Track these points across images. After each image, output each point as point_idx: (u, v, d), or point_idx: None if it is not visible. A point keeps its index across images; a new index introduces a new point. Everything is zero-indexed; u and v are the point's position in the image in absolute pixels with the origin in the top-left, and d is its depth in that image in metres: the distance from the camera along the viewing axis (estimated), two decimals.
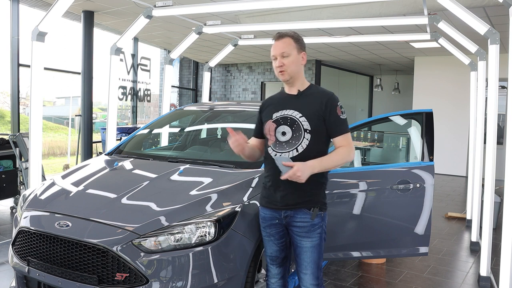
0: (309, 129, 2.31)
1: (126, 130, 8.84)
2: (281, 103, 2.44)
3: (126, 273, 2.36)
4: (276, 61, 2.36)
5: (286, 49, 2.33)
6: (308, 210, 2.33)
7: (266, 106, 2.53)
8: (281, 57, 2.34)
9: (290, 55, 2.33)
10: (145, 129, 4.21)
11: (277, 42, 2.36)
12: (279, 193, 2.36)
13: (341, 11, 6.23)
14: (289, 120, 2.36)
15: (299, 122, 2.33)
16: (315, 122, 2.32)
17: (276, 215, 2.41)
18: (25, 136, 5.51)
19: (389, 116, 3.66)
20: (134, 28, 4.65)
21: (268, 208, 2.44)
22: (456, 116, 10.51)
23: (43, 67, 3.99)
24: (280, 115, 2.39)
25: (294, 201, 2.34)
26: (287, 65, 2.34)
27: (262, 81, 13.17)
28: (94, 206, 2.67)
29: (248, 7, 4.63)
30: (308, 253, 2.34)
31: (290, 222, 2.38)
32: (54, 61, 9.96)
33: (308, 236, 2.34)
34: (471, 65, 5.45)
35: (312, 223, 2.33)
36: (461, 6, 3.54)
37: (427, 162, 3.35)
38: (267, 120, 2.44)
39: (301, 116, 2.33)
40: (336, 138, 2.34)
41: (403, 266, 4.21)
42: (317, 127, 2.32)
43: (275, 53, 2.36)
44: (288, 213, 2.37)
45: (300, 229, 2.35)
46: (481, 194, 4.43)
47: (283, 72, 2.35)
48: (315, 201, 2.35)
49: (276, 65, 2.36)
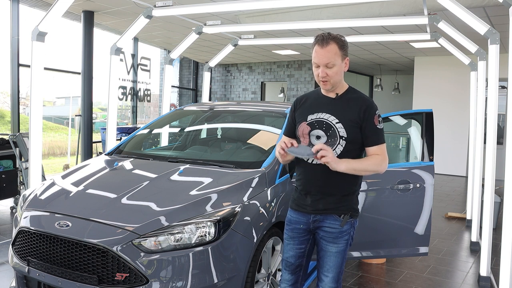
0: (345, 137, 2.21)
1: (126, 130, 8.84)
2: (317, 105, 2.31)
3: (126, 273, 2.36)
4: (318, 69, 2.21)
5: (331, 59, 2.16)
6: (338, 216, 2.26)
7: (300, 105, 2.39)
8: (325, 67, 2.18)
9: (335, 65, 2.18)
10: (145, 129, 4.21)
11: (322, 51, 2.17)
12: (310, 198, 2.29)
13: (341, 11, 6.23)
14: (325, 124, 2.25)
15: (335, 128, 2.23)
16: (351, 129, 2.21)
17: (303, 219, 2.32)
18: (25, 136, 5.51)
19: (389, 116, 3.65)
20: (134, 28, 4.65)
21: (297, 211, 2.35)
22: (456, 116, 10.51)
23: (43, 67, 3.99)
24: (316, 118, 2.28)
25: (325, 206, 2.26)
26: (331, 76, 2.19)
27: (262, 81, 13.18)
28: (94, 206, 2.67)
29: (248, 7, 4.63)
30: (332, 258, 2.28)
31: (318, 226, 2.30)
32: (54, 61, 9.97)
33: (334, 242, 2.27)
34: (471, 65, 5.45)
35: (341, 230, 2.26)
36: (461, 6, 3.54)
37: (427, 162, 3.36)
38: (301, 121, 2.32)
39: (338, 122, 2.23)
40: (371, 148, 2.24)
41: (403, 266, 4.21)
42: (353, 135, 2.22)
43: (319, 63, 2.19)
44: (317, 217, 2.29)
45: (328, 234, 2.28)
46: (481, 194, 4.43)
47: (326, 83, 2.22)
48: (347, 208, 2.27)
49: (319, 75, 2.20)
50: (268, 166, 3.02)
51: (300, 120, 2.34)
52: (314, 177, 2.27)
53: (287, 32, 7.98)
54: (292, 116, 2.42)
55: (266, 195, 2.85)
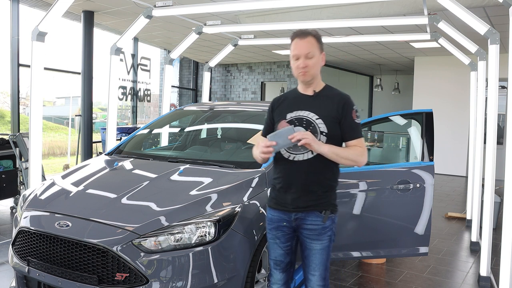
0: (325, 132, 2.25)
1: (126, 130, 8.83)
2: (295, 103, 2.35)
3: (126, 273, 2.36)
4: (298, 61, 2.25)
5: (311, 49, 2.23)
6: (320, 213, 2.28)
7: (278, 104, 2.42)
8: (305, 57, 2.23)
9: (314, 56, 2.24)
10: (145, 129, 4.21)
11: (301, 42, 2.24)
12: (290, 196, 2.29)
13: (341, 11, 6.23)
14: (305, 121, 2.28)
15: (315, 124, 2.26)
16: (331, 125, 2.26)
17: (285, 217, 2.33)
18: (25, 136, 5.51)
19: (389, 116, 3.66)
20: (134, 28, 4.65)
21: (277, 210, 2.35)
22: (456, 116, 10.51)
23: (43, 67, 3.99)
24: (295, 115, 2.31)
25: (306, 203, 2.28)
26: (311, 66, 2.24)
27: (262, 81, 13.17)
28: (94, 206, 2.67)
29: (248, 7, 4.63)
30: (318, 255, 2.30)
31: (300, 224, 2.31)
32: (54, 61, 9.97)
33: (318, 238, 2.29)
34: (471, 65, 5.45)
35: (323, 226, 2.28)
36: (461, 6, 3.54)
37: (427, 162, 3.36)
38: (280, 119, 2.34)
39: (318, 118, 2.26)
40: (350, 142, 2.29)
41: (403, 266, 4.21)
42: (334, 130, 2.26)
43: (299, 53, 2.24)
44: (299, 215, 2.30)
45: (311, 231, 2.29)
46: (481, 194, 4.43)
47: (305, 73, 2.26)
48: (327, 204, 2.30)
49: (299, 66, 2.25)
50: (268, 166, 3.01)
51: (279, 119, 2.36)
52: (295, 174, 2.28)
53: (287, 32, 7.97)
54: (270, 116, 2.44)
55: (266, 195, 2.84)
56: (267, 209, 2.43)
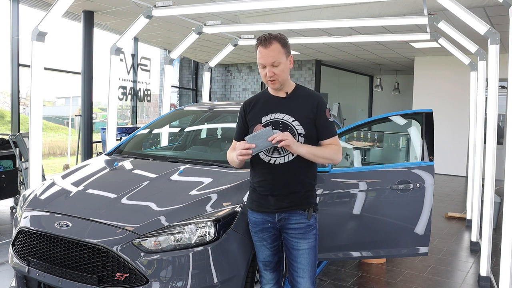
0: (303, 133, 2.24)
1: (126, 130, 8.83)
2: (269, 106, 2.32)
3: (126, 273, 2.36)
4: (265, 69, 2.23)
5: (276, 58, 2.20)
6: (303, 211, 2.29)
7: (250, 108, 2.37)
8: (271, 66, 2.21)
9: (281, 63, 2.21)
10: (145, 129, 4.21)
11: (265, 51, 2.21)
12: (273, 198, 2.28)
13: (341, 11, 6.23)
14: (281, 124, 2.26)
15: (292, 126, 2.25)
16: (307, 125, 2.26)
17: (269, 219, 2.33)
18: (25, 136, 5.51)
19: (389, 116, 3.65)
20: (134, 28, 4.65)
21: (260, 212, 2.34)
22: (456, 116, 10.51)
23: (43, 67, 3.99)
24: (270, 119, 2.28)
25: (289, 204, 2.28)
26: (278, 74, 2.22)
27: (262, 81, 13.17)
28: (94, 206, 2.67)
29: (248, 7, 4.63)
30: (306, 255, 2.29)
31: (285, 225, 2.31)
32: (54, 61, 9.97)
33: (304, 237, 2.29)
34: (471, 65, 5.45)
35: (308, 223, 2.29)
36: (461, 6, 3.54)
37: (427, 162, 3.35)
38: (255, 123, 2.32)
39: (294, 120, 2.25)
40: (326, 140, 2.30)
41: (403, 266, 4.21)
42: (310, 131, 2.26)
43: (265, 63, 2.21)
44: (282, 215, 2.30)
45: (297, 231, 2.29)
46: (481, 194, 4.43)
47: (274, 82, 2.24)
48: (309, 202, 2.31)
49: (267, 75, 2.23)
50: None
51: (253, 123, 2.33)
52: (278, 178, 2.27)
53: (287, 32, 7.97)
54: (243, 121, 2.40)
55: None
56: (249, 212, 2.41)
